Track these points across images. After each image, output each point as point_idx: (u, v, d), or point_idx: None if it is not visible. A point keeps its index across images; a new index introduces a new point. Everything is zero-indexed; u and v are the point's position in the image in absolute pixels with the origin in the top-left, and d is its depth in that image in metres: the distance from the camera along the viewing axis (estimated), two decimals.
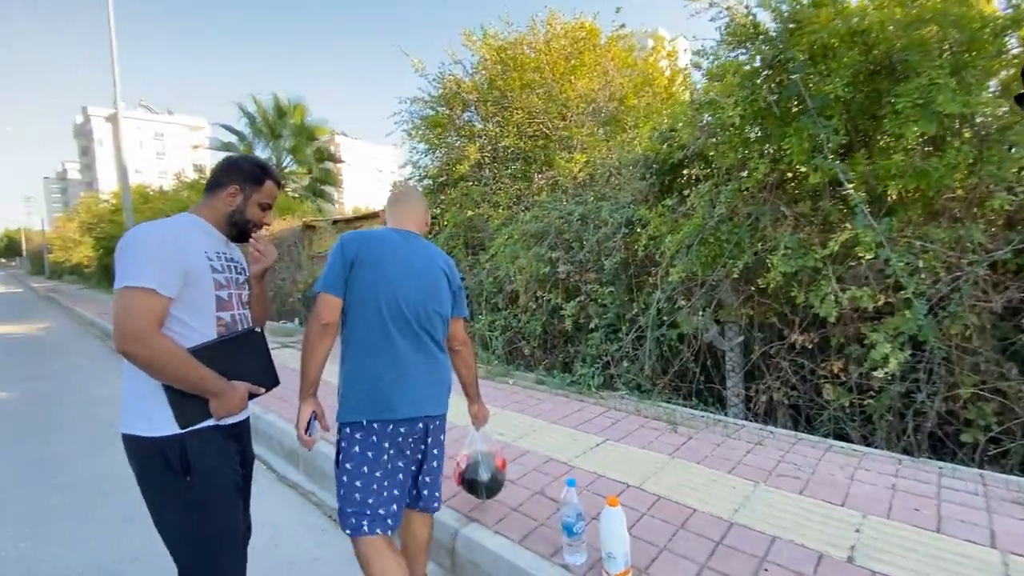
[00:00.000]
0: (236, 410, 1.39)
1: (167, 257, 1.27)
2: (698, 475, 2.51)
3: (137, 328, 1.21)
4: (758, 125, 2.73)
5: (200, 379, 1.30)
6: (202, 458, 1.35)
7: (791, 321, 3.53)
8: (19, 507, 2.93)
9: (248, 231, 1.54)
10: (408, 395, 1.60)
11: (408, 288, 1.61)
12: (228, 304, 1.44)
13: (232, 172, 1.50)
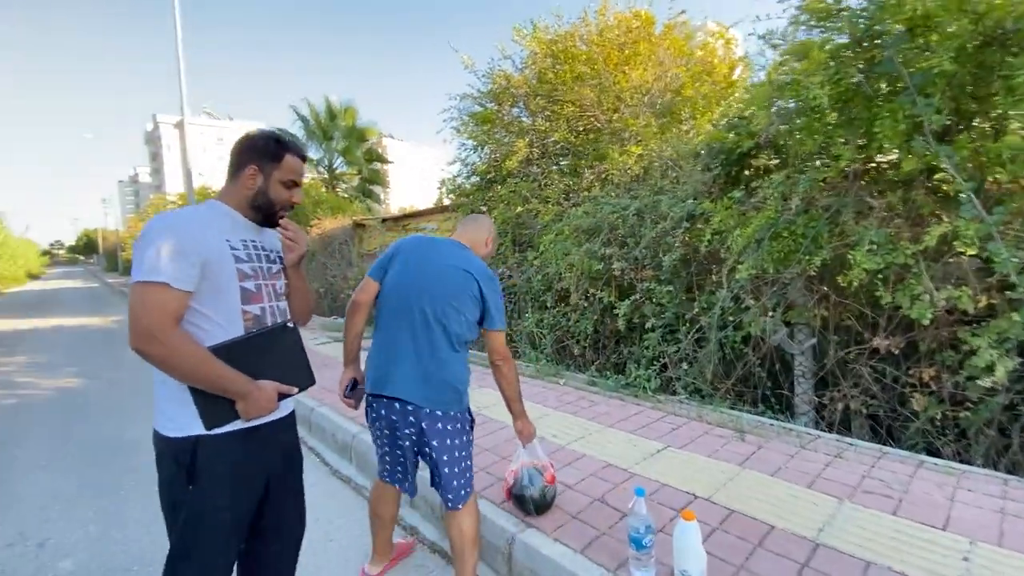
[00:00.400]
0: (265, 411, 1.27)
1: (182, 248, 1.18)
2: (773, 488, 2.32)
3: (150, 325, 1.13)
4: (842, 108, 2.49)
5: (219, 379, 1.20)
6: (211, 471, 1.25)
7: (872, 324, 3.25)
8: (96, 489, 3.07)
9: (275, 214, 1.40)
10: (394, 377, 1.75)
11: (417, 284, 1.77)
12: (256, 296, 1.33)
13: (248, 151, 1.36)
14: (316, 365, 4.81)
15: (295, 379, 1.36)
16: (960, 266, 2.72)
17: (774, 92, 2.44)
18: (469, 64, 6.13)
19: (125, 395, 5.16)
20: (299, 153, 1.42)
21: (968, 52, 2.07)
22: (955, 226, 2.44)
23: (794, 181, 2.75)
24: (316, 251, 10.47)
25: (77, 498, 3.00)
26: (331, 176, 18.31)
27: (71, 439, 3.93)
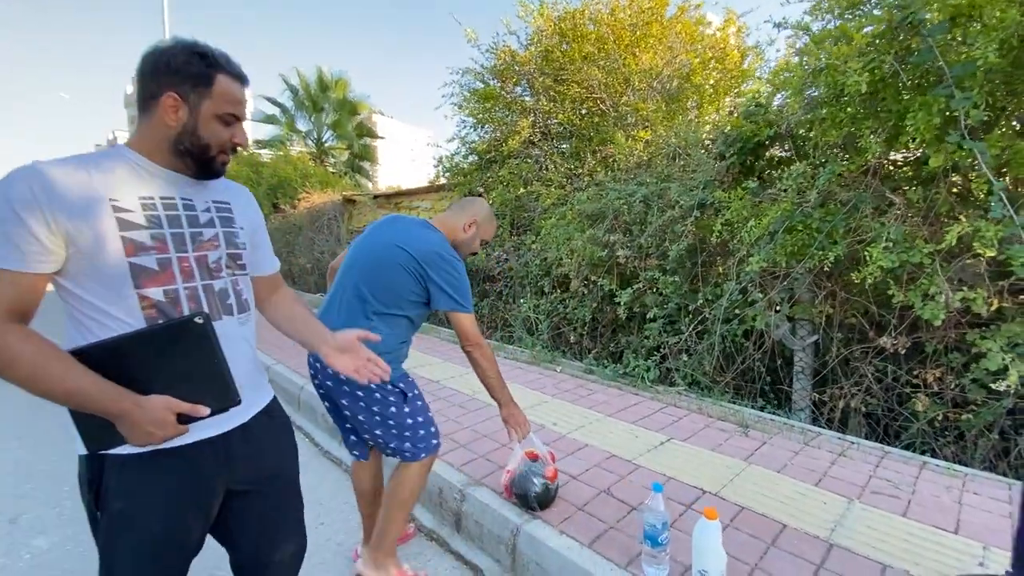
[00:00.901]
0: (154, 438, 0.90)
1: (26, 210, 0.85)
2: (781, 485, 2.27)
3: None
4: (870, 99, 2.41)
5: (69, 394, 0.85)
6: (116, 495, 0.98)
7: (876, 322, 3.22)
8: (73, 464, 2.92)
9: (212, 159, 1.04)
10: None
11: (352, 258, 1.83)
12: (160, 276, 0.97)
13: (161, 73, 0.97)
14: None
15: (206, 393, 0.96)
16: (973, 268, 2.69)
17: (807, 78, 2.34)
18: (473, 38, 5.91)
19: None
20: (235, 72, 1.04)
21: (1014, 45, 2.00)
22: (975, 226, 2.39)
23: (814, 173, 2.67)
24: (304, 226, 10.20)
25: (52, 473, 2.85)
26: (320, 150, 17.84)
27: (44, 409, 3.73)
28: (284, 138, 17.31)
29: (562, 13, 5.61)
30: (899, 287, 2.76)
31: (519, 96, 5.83)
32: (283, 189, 12.73)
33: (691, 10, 5.20)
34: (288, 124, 17.50)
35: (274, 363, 4.31)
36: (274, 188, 12.78)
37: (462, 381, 3.75)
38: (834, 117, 2.57)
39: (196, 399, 0.94)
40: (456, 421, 3.00)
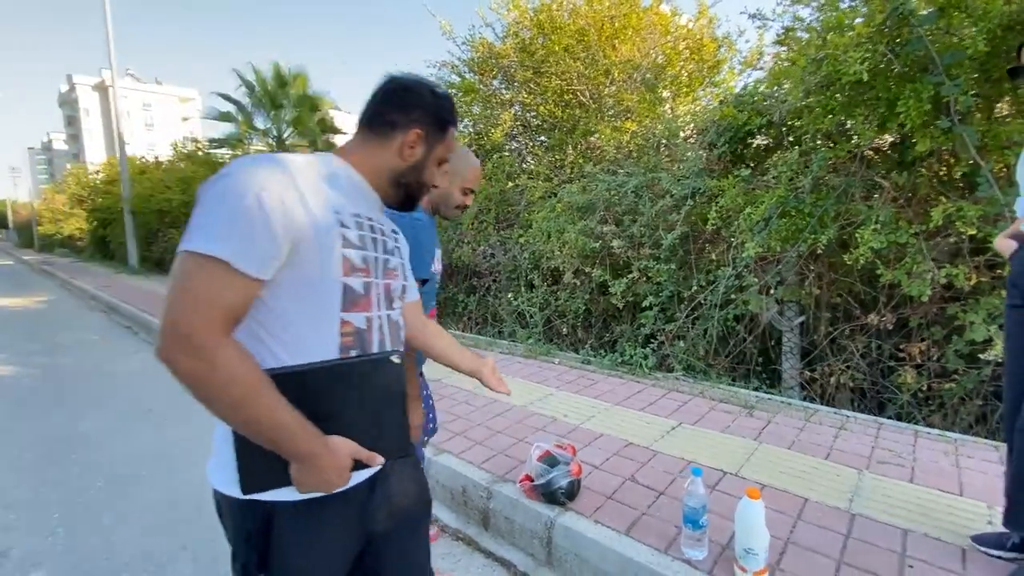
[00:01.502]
0: (330, 486, 0.82)
1: (265, 211, 0.74)
2: (794, 461, 2.36)
3: (192, 324, 0.70)
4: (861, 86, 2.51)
5: (276, 426, 0.76)
6: (293, 550, 0.86)
7: (864, 301, 3.38)
8: (59, 489, 2.74)
9: (417, 200, 1.03)
10: None
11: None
12: (363, 300, 0.88)
13: (416, 107, 0.94)
14: None
15: (384, 443, 0.88)
16: (956, 246, 2.85)
17: (808, 67, 2.42)
18: (448, 30, 5.82)
19: (65, 383, 4.66)
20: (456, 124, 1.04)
21: (999, 34, 2.12)
22: (958, 206, 2.53)
23: (807, 160, 2.77)
24: None
25: (36, 501, 2.67)
26: (280, 147, 17.23)
27: (17, 435, 3.49)
28: (242, 136, 16.62)
29: (537, 5, 5.59)
30: (886, 267, 2.90)
31: (497, 89, 5.79)
32: None
33: (665, 1, 5.27)
34: (245, 122, 16.80)
35: None
36: None
37: (462, 377, 3.72)
38: (825, 105, 2.67)
39: (373, 445, 0.85)
40: (467, 418, 2.98)
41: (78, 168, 32.89)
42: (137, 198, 13.34)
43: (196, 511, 2.50)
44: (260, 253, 0.75)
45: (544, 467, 2.06)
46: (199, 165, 13.22)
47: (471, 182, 1.63)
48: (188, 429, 3.53)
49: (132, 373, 4.98)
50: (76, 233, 25.53)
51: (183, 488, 2.73)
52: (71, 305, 9.79)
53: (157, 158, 16.85)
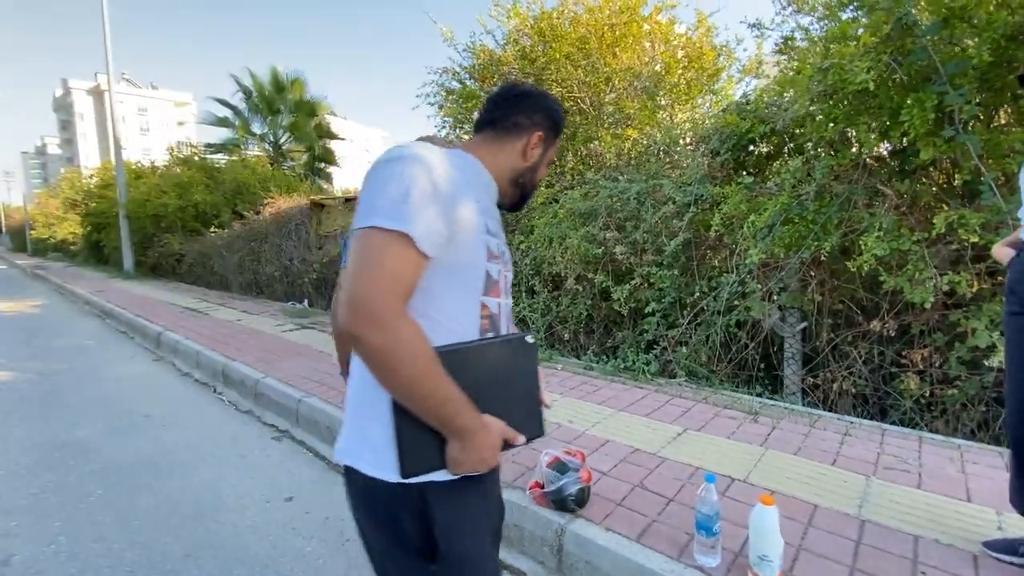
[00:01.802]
0: (483, 465, 0.82)
1: (443, 193, 0.79)
2: (801, 467, 2.37)
3: (382, 299, 0.72)
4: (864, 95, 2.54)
5: (445, 401, 0.76)
6: (458, 535, 0.85)
7: (865, 307, 3.40)
8: (59, 496, 2.70)
9: (528, 200, 1.08)
10: None
11: None
12: (496, 287, 0.92)
13: (542, 111, 1.00)
14: (289, 354, 4.55)
15: (525, 422, 0.89)
16: (957, 253, 2.88)
17: (815, 77, 2.45)
18: (449, 37, 5.85)
19: (62, 389, 4.60)
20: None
21: (1002, 45, 2.16)
22: (960, 214, 2.56)
23: (811, 167, 2.80)
24: (270, 233, 9.81)
25: (37, 508, 2.63)
26: (277, 153, 17.21)
27: (13, 442, 3.45)
28: (239, 141, 16.60)
29: (538, 13, 5.63)
30: (889, 274, 2.92)
31: None
32: (242, 195, 12.22)
33: (665, 11, 5.32)
34: (242, 127, 16.79)
35: (262, 376, 4.13)
36: (233, 194, 12.26)
37: None
38: (828, 114, 2.70)
39: (516, 424, 0.87)
40: None
41: (72, 172, 32.68)
42: (132, 202, 13.26)
43: (197, 518, 2.47)
44: (435, 234, 0.78)
45: (554, 474, 2.05)
46: (195, 170, 13.15)
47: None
48: (186, 435, 3.49)
49: (128, 378, 4.93)
50: (69, 237, 25.31)
51: (183, 495, 2.70)
52: (65, 310, 9.70)
53: (153, 163, 16.78)
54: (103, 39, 13.15)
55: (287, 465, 3.07)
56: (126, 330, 7.21)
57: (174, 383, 4.82)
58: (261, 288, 9.91)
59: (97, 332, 7.36)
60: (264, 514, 2.51)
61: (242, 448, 3.32)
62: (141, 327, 6.69)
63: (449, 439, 0.81)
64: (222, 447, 3.32)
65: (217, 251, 10.95)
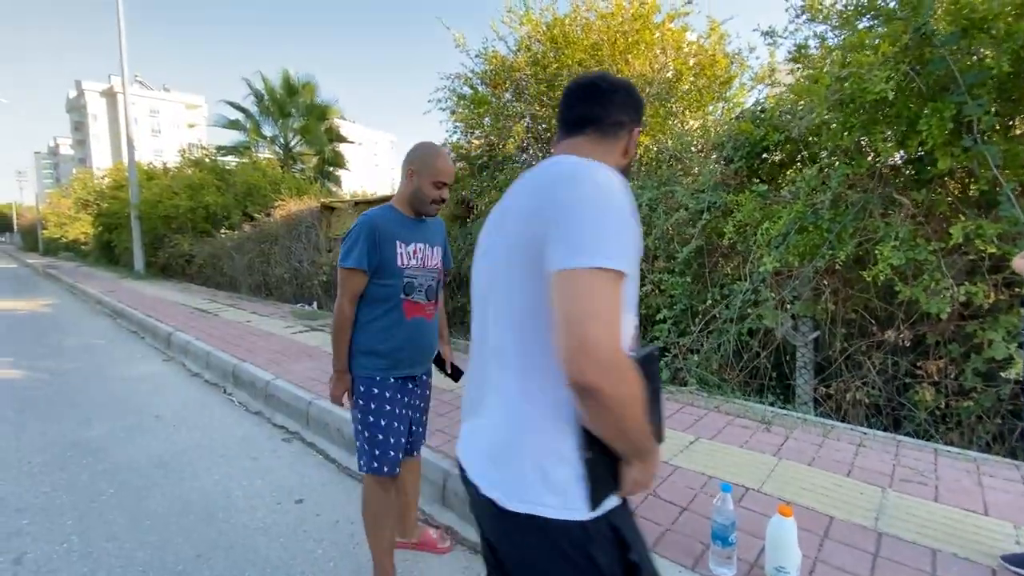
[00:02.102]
0: (651, 481, 0.84)
1: (632, 221, 0.78)
2: (816, 478, 2.34)
3: (613, 345, 0.67)
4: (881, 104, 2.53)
5: (643, 428, 0.74)
6: (642, 550, 0.85)
7: (879, 317, 3.37)
8: (70, 495, 2.72)
9: None
10: None
11: None
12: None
13: (632, 105, 0.98)
14: (300, 355, 4.55)
15: (660, 432, 0.89)
16: (973, 264, 2.85)
17: (833, 85, 2.44)
18: (462, 43, 5.89)
19: (73, 387, 4.64)
20: None
21: (1019, 56, 2.15)
22: (977, 224, 2.54)
23: (826, 175, 2.79)
24: (280, 235, 9.88)
25: (49, 507, 2.64)
26: (287, 155, 17.36)
27: (25, 440, 3.48)
28: (250, 144, 16.75)
29: (551, 20, 5.66)
30: (904, 284, 2.90)
31: (509, 102, 5.83)
32: (252, 197, 12.31)
33: (677, 19, 5.33)
34: (253, 129, 16.95)
35: (272, 378, 4.14)
36: (243, 196, 12.36)
37: None
38: (844, 122, 2.69)
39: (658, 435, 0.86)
40: None
41: (84, 173, 33.06)
42: (144, 203, 13.39)
43: (208, 519, 2.48)
44: (635, 265, 0.78)
45: None
46: (207, 172, 13.27)
47: (442, 174, 1.75)
48: (197, 435, 3.51)
49: (139, 378, 4.96)
50: (81, 237, 25.58)
51: (194, 495, 2.71)
52: (77, 309, 9.80)
53: (165, 164, 16.96)
54: (118, 41, 13.33)
55: (297, 467, 3.07)
56: (137, 330, 7.26)
57: (184, 383, 4.85)
58: (270, 290, 9.97)
59: (108, 332, 7.42)
60: (274, 516, 2.51)
61: (252, 449, 3.33)
62: (152, 327, 6.75)
63: (632, 462, 0.79)
64: (232, 448, 3.33)
65: (227, 252, 11.04)
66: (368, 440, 1.79)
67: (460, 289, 5.80)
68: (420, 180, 1.73)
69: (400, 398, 1.83)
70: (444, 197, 1.77)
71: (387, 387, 1.80)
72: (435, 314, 1.91)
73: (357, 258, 1.70)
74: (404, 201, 1.79)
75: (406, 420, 1.87)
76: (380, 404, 1.79)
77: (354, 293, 1.75)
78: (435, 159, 1.74)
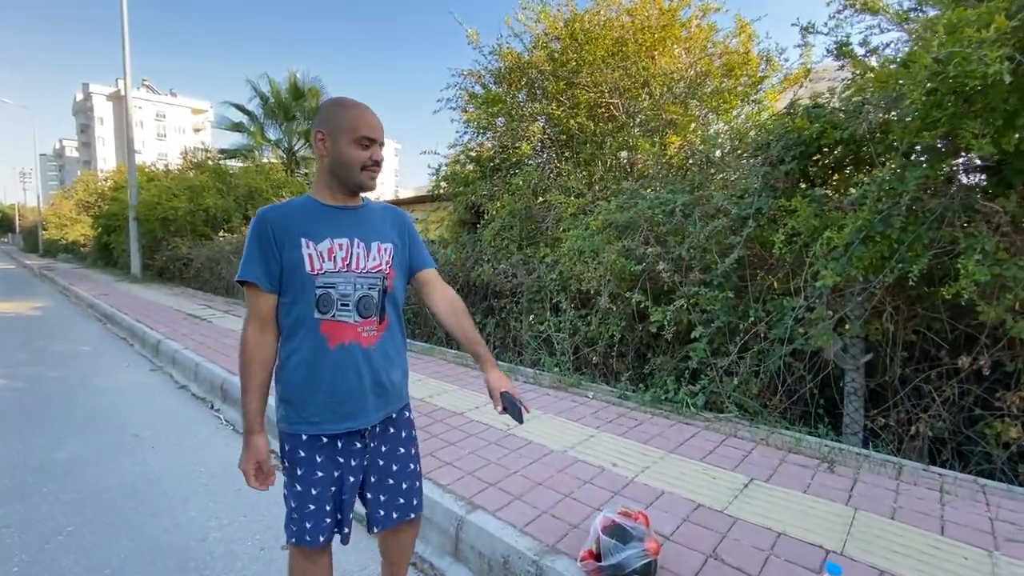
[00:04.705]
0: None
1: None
2: (905, 537, 1.95)
3: None
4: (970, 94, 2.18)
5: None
6: None
7: (945, 339, 2.99)
8: (23, 534, 2.33)
9: None
10: None
11: None
12: None
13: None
14: None
15: None
16: None
17: (930, 67, 2.07)
18: (475, 40, 5.57)
19: (50, 400, 4.26)
20: None
21: None
22: None
23: (900, 179, 2.43)
24: None
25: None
26: (291, 160, 17.07)
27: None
28: (254, 147, 16.50)
29: (569, 16, 5.35)
30: (987, 302, 2.53)
31: (524, 101, 5.50)
32: (255, 200, 12.01)
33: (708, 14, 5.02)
34: (257, 132, 16.70)
35: None
36: (244, 199, 12.06)
37: (492, 413, 3.33)
38: (924, 117, 2.33)
39: None
40: (500, 464, 2.58)
41: (88, 175, 32.90)
42: (143, 205, 13.08)
43: (180, 570, 2.10)
44: None
45: (613, 543, 1.66)
46: (208, 174, 12.97)
47: (364, 127, 1.28)
48: (177, 460, 3.13)
49: (122, 390, 4.59)
50: (81, 239, 25.31)
51: (167, 538, 2.33)
52: (68, 312, 9.45)
53: (167, 166, 16.67)
54: (122, 44, 13.13)
55: None
56: (126, 336, 6.90)
57: (169, 397, 4.47)
58: None
59: (96, 338, 7.06)
60: (256, 567, 2.13)
61: (239, 479, 2.92)
62: (141, 333, 6.38)
63: None
64: (216, 476, 2.95)
65: (226, 256, 10.69)
66: (295, 510, 1.35)
67: (470, 300, 5.42)
68: (336, 143, 1.27)
69: (342, 462, 1.36)
70: (377, 159, 1.30)
71: (316, 448, 1.33)
72: (382, 338, 1.38)
73: (245, 268, 1.28)
74: (323, 183, 1.34)
75: (354, 484, 1.39)
76: (309, 470, 1.33)
77: (257, 315, 1.30)
78: (348, 110, 1.30)
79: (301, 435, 1.33)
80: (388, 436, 1.46)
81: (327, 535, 1.38)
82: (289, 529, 1.38)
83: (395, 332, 1.43)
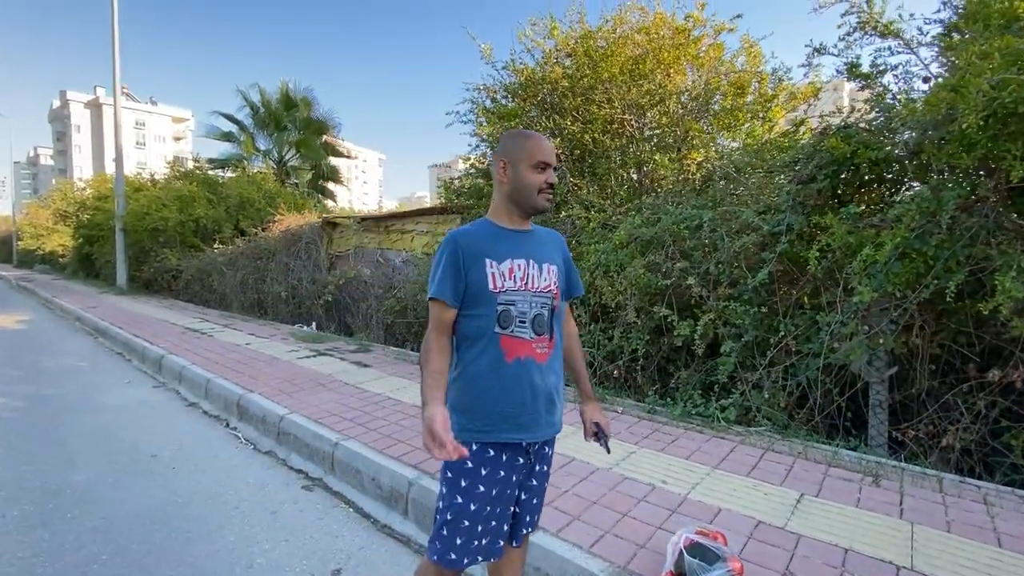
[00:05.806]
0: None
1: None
2: (968, 550, 1.98)
3: None
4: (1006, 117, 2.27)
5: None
6: None
7: (971, 353, 3.07)
8: (55, 564, 2.22)
9: None
10: None
11: None
12: None
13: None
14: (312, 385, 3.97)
15: None
16: None
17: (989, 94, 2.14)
18: (489, 55, 5.62)
19: (53, 419, 4.09)
20: None
21: None
22: None
23: (938, 197, 2.50)
24: (278, 251, 9.40)
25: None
26: (282, 170, 16.90)
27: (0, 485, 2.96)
28: (244, 156, 16.28)
29: (581, 32, 5.42)
30: (1019, 317, 2.60)
31: (537, 117, 5.54)
32: (246, 211, 11.82)
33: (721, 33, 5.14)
34: (248, 142, 16.50)
35: (286, 412, 3.68)
36: (236, 209, 11.85)
37: None
38: (960, 139, 2.42)
39: None
40: (551, 484, 2.54)
41: (65, 184, 32.05)
42: (131, 215, 12.76)
43: None
44: None
45: (699, 563, 1.65)
46: (198, 184, 12.73)
47: (541, 153, 1.41)
48: (202, 480, 3.03)
49: (128, 408, 4.44)
50: (59, 249, 24.56)
51: (208, 564, 2.24)
52: (54, 326, 9.13)
53: (153, 175, 16.34)
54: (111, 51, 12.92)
55: (326, 524, 2.61)
56: (122, 351, 6.69)
57: (180, 415, 4.34)
58: (265, 309, 9.43)
59: (90, 352, 6.83)
60: None
61: (270, 500, 2.86)
62: (140, 348, 6.19)
63: None
64: (246, 499, 2.86)
65: (218, 268, 10.47)
66: (448, 524, 1.37)
67: None
68: (516, 169, 1.41)
69: (504, 476, 1.40)
70: (552, 182, 1.43)
71: (483, 461, 1.37)
72: (552, 355, 1.45)
73: (437, 286, 1.39)
74: (501, 208, 1.46)
75: (508, 503, 1.43)
76: (472, 483, 1.37)
77: (439, 325, 1.39)
78: (528, 140, 1.44)
79: (471, 444, 1.37)
80: (545, 457, 1.54)
81: (471, 558, 1.37)
82: (433, 546, 1.39)
83: (559, 351, 1.51)
